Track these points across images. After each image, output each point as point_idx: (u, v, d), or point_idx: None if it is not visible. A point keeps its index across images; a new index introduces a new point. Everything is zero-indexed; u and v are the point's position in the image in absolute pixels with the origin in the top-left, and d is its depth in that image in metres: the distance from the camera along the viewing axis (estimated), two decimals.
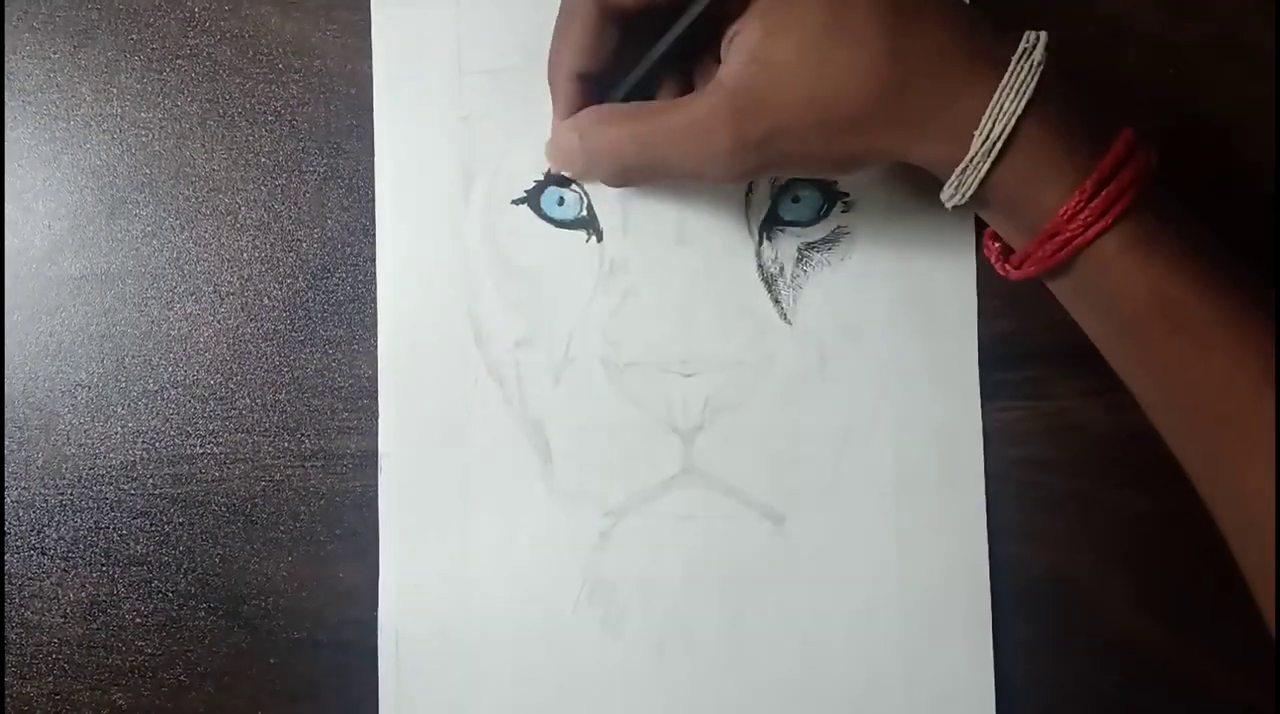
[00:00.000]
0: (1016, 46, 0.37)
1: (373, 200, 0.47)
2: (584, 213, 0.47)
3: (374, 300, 0.47)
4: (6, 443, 0.47)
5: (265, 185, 0.48)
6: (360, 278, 0.47)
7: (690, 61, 0.43)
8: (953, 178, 0.38)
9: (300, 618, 0.47)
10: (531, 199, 0.47)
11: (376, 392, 0.47)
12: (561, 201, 0.47)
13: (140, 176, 0.48)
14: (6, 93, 0.48)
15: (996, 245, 0.42)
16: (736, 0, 0.39)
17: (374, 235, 0.47)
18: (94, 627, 0.47)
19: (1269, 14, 0.47)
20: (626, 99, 0.43)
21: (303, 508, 0.47)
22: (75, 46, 0.48)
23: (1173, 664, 0.46)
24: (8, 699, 0.47)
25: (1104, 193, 0.36)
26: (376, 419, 0.47)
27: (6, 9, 0.48)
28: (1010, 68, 0.37)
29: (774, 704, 0.46)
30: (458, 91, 0.47)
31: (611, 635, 0.47)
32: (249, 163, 0.48)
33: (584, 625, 0.47)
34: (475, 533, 0.47)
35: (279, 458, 0.47)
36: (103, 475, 0.47)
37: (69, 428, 0.47)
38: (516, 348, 0.47)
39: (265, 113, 0.48)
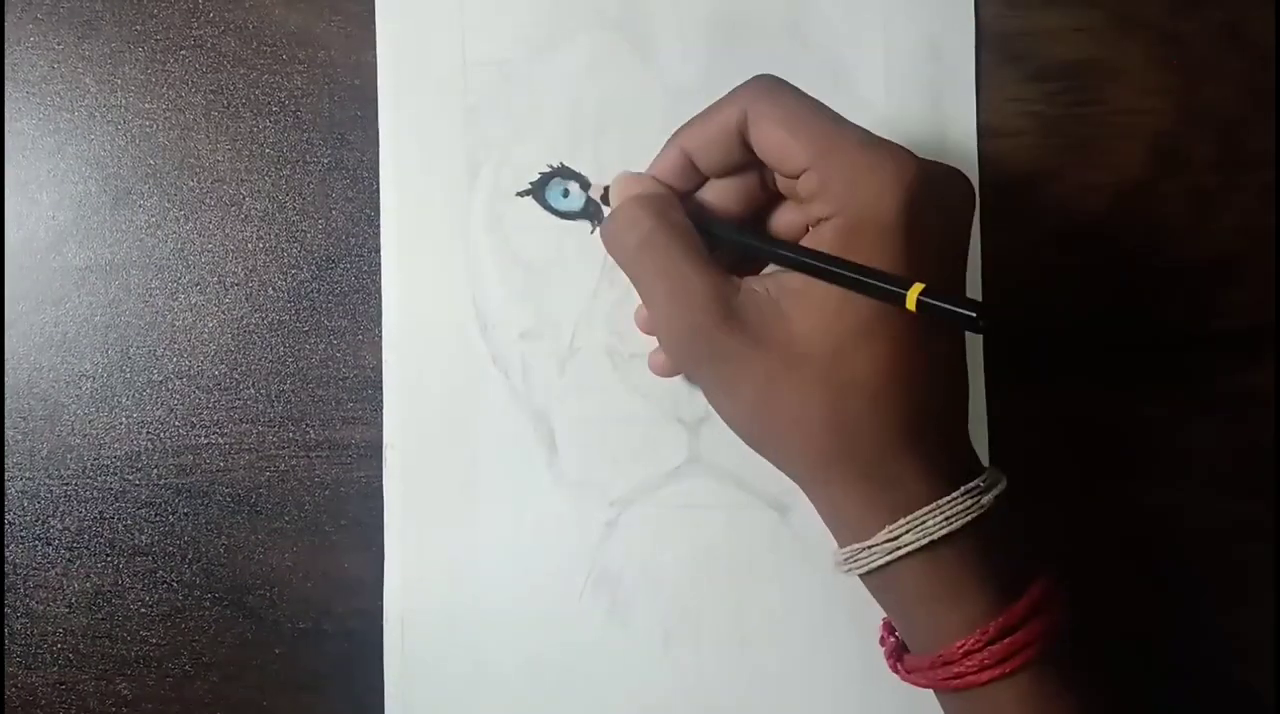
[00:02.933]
0: (977, 466, 0.37)
1: (377, 191, 0.47)
2: (588, 204, 0.47)
3: (379, 291, 0.47)
4: (11, 433, 0.47)
5: (270, 176, 0.48)
6: (365, 268, 0.47)
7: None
8: (845, 550, 0.37)
9: (305, 608, 0.47)
10: (536, 190, 0.47)
11: (381, 382, 0.47)
12: (566, 193, 0.47)
13: (144, 167, 0.48)
14: (10, 84, 0.48)
15: (892, 639, 0.40)
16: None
17: (379, 226, 0.47)
18: (99, 617, 0.47)
19: (1272, 4, 0.47)
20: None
21: (308, 498, 0.47)
22: (79, 37, 0.48)
23: (1176, 656, 0.46)
24: (12, 689, 0.47)
25: (1007, 639, 0.35)
26: (381, 409, 0.47)
27: (10, 0, 0.48)
28: (953, 495, 0.35)
29: (779, 693, 0.46)
30: (463, 82, 0.47)
31: (617, 625, 0.47)
32: (253, 153, 0.48)
33: (589, 615, 0.47)
34: (480, 523, 0.47)
35: (284, 448, 0.47)
36: (107, 466, 0.47)
37: (73, 418, 0.47)
38: (521, 339, 0.47)
39: (270, 103, 0.48)
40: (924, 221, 0.35)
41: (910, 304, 0.34)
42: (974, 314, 0.34)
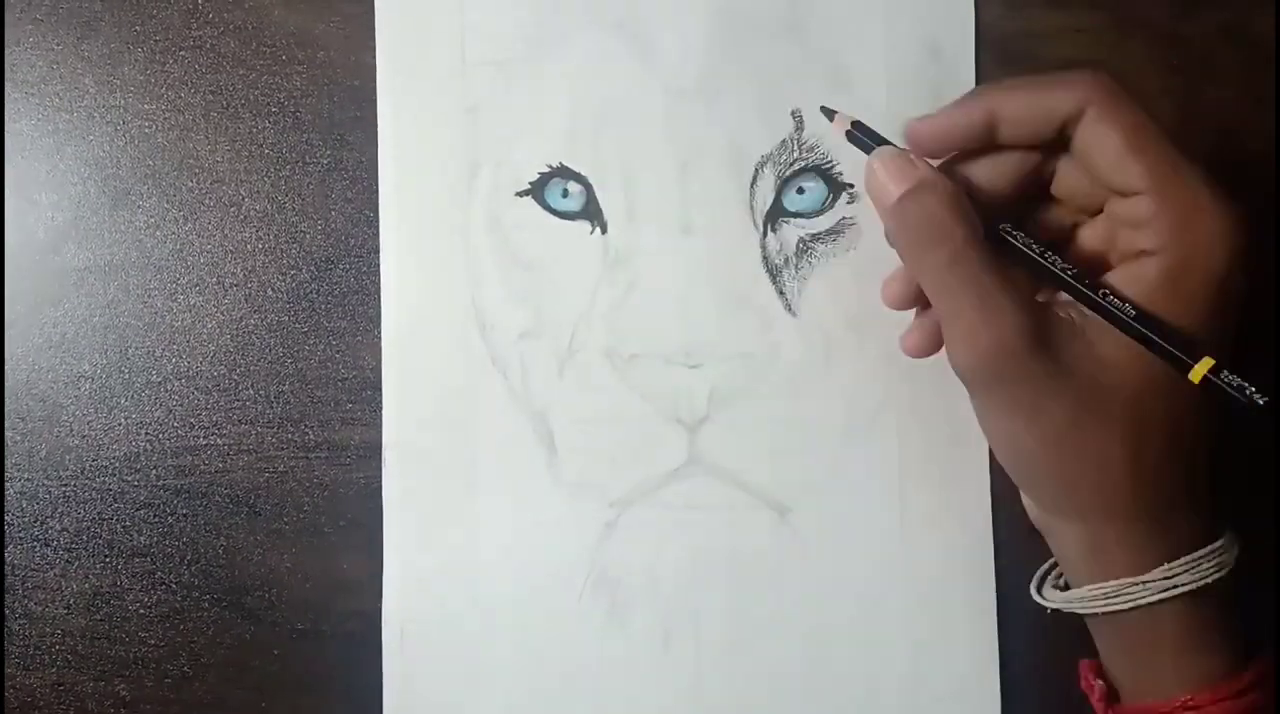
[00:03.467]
0: (1220, 519, 0.37)
1: (376, 192, 0.47)
2: (588, 204, 0.47)
3: (378, 292, 0.47)
4: (9, 434, 0.47)
5: (269, 177, 0.48)
6: (364, 269, 0.47)
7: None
8: (1109, 585, 0.37)
9: (304, 609, 0.47)
10: (536, 191, 0.47)
11: (380, 383, 0.47)
12: (566, 193, 0.47)
13: (143, 168, 0.48)
14: (9, 84, 0.48)
15: (1100, 683, 0.40)
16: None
17: (378, 227, 0.47)
18: (97, 618, 0.47)
19: (1272, 6, 0.47)
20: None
21: (306, 499, 0.47)
22: (78, 38, 0.48)
23: None
24: (11, 690, 0.47)
25: (1250, 696, 0.35)
26: (380, 410, 0.47)
27: (9, 1, 0.48)
28: (1220, 541, 0.36)
29: (779, 695, 0.46)
30: (462, 83, 0.47)
31: (617, 626, 0.47)
32: (252, 154, 0.48)
33: (589, 617, 0.47)
34: (479, 524, 0.47)
35: (283, 449, 0.47)
36: (106, 467, 0.47)
37: (72, 419, 0.47)
38: (521, 339, 0.47)
39: (269, 104, 0.48)
40: (1241, 278, 0.35)
41: (1195, 377, 0.34)
42: (1262, 403, 0.33)
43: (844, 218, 0.47)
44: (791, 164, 0.47)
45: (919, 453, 0.46)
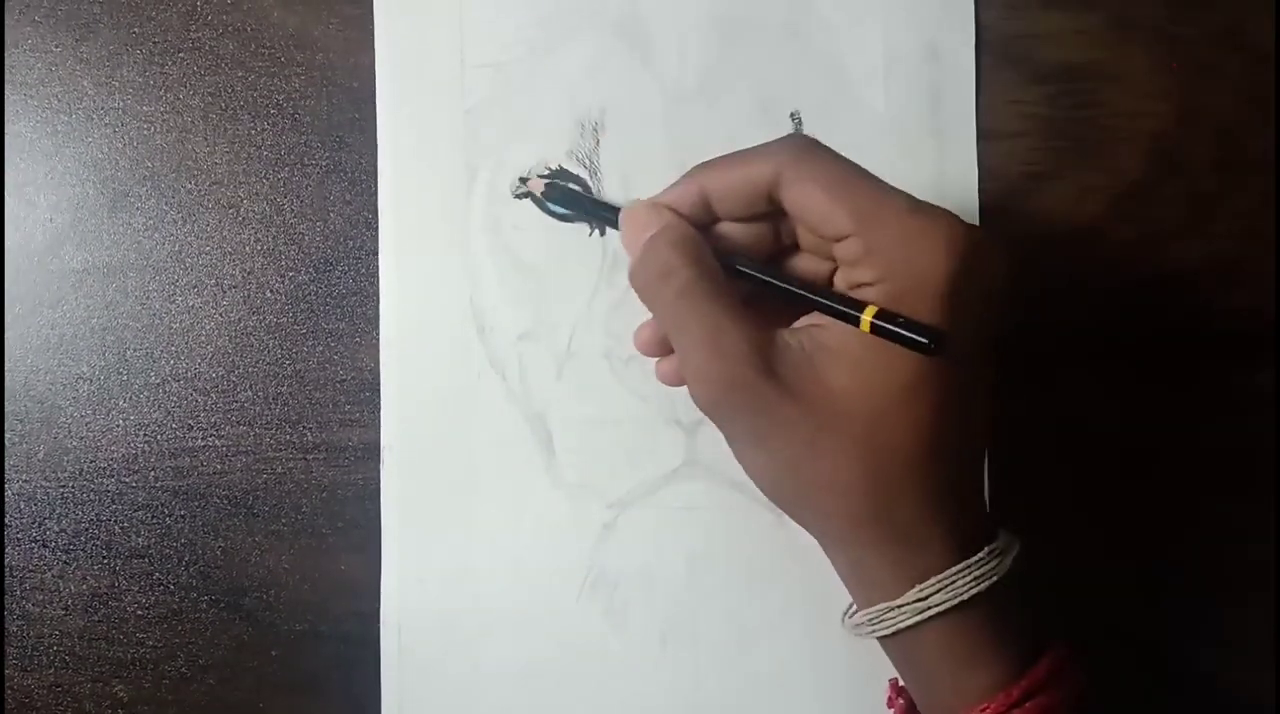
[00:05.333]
0: (992, 527, 0.37)
1: (375, 193, 0.47)
2: None
3: (376, 293, 0.47)
4: (8, 435, 0.47)
5: (267, 178, 0.48)
6: (362, 271, 0.47)
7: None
8: (871, 611, 0.37)
9: (302, 610, 0.47)
10: (534, 192, 0.47)
11: (379, 384, 0.47)
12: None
13: (142, 170, 0.48)
14: (8, 86, 0.48)
15: (901, 701, 0.40)
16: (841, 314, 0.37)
17: (376, 228, 0.47)
18: (95, 619, 0.47)
19: (1271, 8, 0.47)
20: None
21: (305, 500, 0.47)
22: (77, 40, 0.48)
23: (1175, 655, 0.46)
24: (9, 691, 0.47)
25: (1029, 703, 0.35)
26: (379, 412, 0.47)
27: (8, 2, 0.48)
28: (978, 555, 0.36)
29: (775, 696, 0.46)
30: (460, 85, 0.47)
31: (614, 627, 0.47)
32: (251, 156, 0.48)
33: (587, 617, 0.47)
34: (478, 525, 0.47)
35: (281, 450, 0.47)
36: (104, 468, 0.47)
37: (70, 421, 0.47)
38: (519, 341, 0.47)
39: (267, 106, 0.48)
40: (969, 289, 0.35)
41: (865, 326, 0.35)
42: (926, 340, 0.34)
43: None
44: None
45: None
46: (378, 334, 0.47)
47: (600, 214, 0.45)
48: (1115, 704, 0.38)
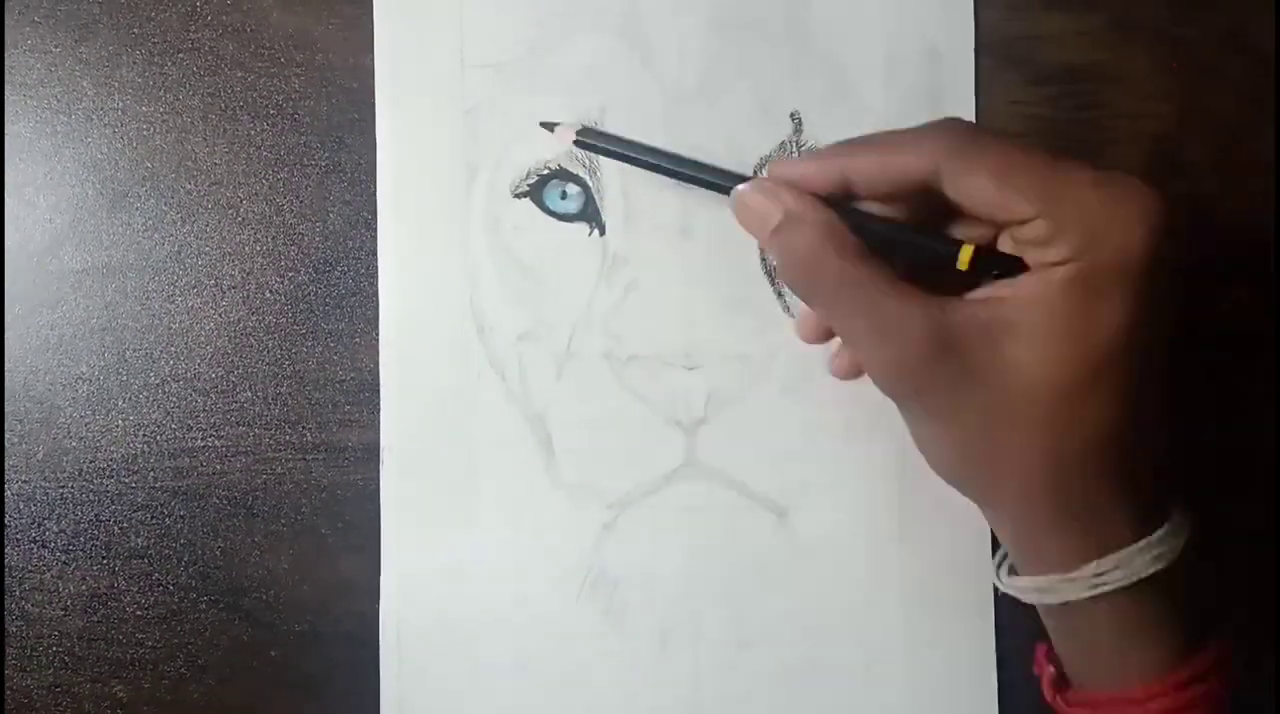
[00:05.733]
0: (1166, 507, 0.37)
1: (375, 194, 0.47)
2: (586, 206, 0.47)
3: (376, 293, 0.47)
4: (7, 436, 0.47)
5: (267, 179, 0.48)
6: (362, 271, 0.47)
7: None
8: (1040, 580, 0.36)
9: (301, 611, 0.47)
10: (534, 192, 0.47)
11: (378, 385, 0.47)
12: (564, 195, 0.47)
13: (141, 170, 0.48)
14: (7, 86, 0.48)
15: (1050, 669, 0.40)
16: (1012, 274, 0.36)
17: (376, 229, 0.47)
18: (94, 619, 0.47)
19: (1272, 9, 0.47)
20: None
21: (304, 501, 0.47)
22: (76, 40, 0.48)
23: None
24: (8, 692, 0.47)
25: (1192, 689, 0.35)
26: (378, 412, 0.47)
27: (8, 3, 0.48)
28: (1158, 534, 0.35)
29: (776, 696, 0.46)
30: (460, 85, 0.47)
31: (614, 628, 0.47)
32: (250, 156, 0.48)
33: (586, 618, 0.47)
34: (477, 526, 0.47)
35: (280, 451, 0.47)
36: (103, 469, 0.47)
37: (69, 421, 0.47)
38: (519, 341, 0.47)
39: (267, 106, 0.48)
40: (1166, 259, 0.34)
41: (964, 263, 0.35)
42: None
43: None
44: None
45: (917, 454, 0.46)
46: (377, 334, 0.47)
47: (658, 167, 0.44)
48: None
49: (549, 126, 0.46)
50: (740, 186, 0.40)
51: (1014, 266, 0.35)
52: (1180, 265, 0.35)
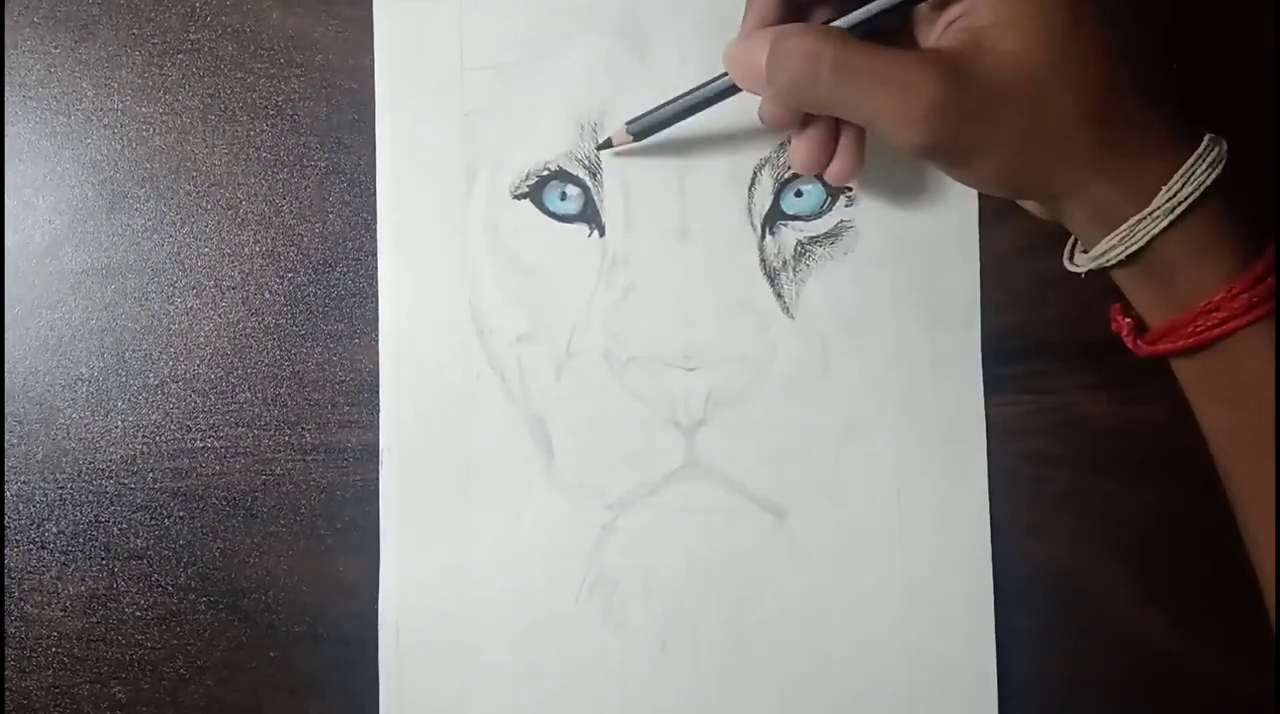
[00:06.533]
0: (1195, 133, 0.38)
1: (374, 195, 0.47)
2: (586, 207, 0.47)
3: (375, 295, 0.47)
4: (6, 437, 0.47)
5: (266, 180, 0.48)
6: (362, 272, 0.47)
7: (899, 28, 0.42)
8: (1120, 231, 0.38)
9: (300, 612, 0.47)
10: (534, 194, 0.47)
11: (377, 386, 0.47)
12: (564, 196, 0.47)
13: (141, 171, 0.48)
14: (7, 87, 0.48)
15: (1128, 320, 0.41)
16: None
17: (375, 230, 0.47)
18: (93, 620, 0.47)
19: (1273, 9, 0.47)
20: None
21: (303, 502, 0.47)
22: (76, 41, 0.48)
23: (1175, 657, 0.46)
24: (7, 693, 0.47)
25: (1269, 281, 0.37)
26: (377, 413, 0.47)
27: (7, 4, 0.48)
28: (1204, 144, 0.37)
29: (776, 697, 0.46)
30: (460, 86, 0.47)
31: (613, 629, 0.46)
32: (250, 157, 0.48)
33: (585, 619, 0.47)
34: (476, 527, 0.47)
35: (279, 452, 0.47)
36: (103, 469, 0.47)
37: (69, 422, 0.47)
38: (518, 342, 0.47)
39: (267, 107, 0.48)
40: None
41: None
42: None
43: (842, 221, 0.47)
44: (790, 167, 0.47)
45: (916, 455, 0.46)
46: (376, 335, 0.47)
47: (704, 97, 0.44)
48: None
49: (605, 146, 0.46)
50: (726, 46, 0.41)
51: None
52: None
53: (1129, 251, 0.38)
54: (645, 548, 0.47)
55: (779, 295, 0.47)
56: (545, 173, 0.47)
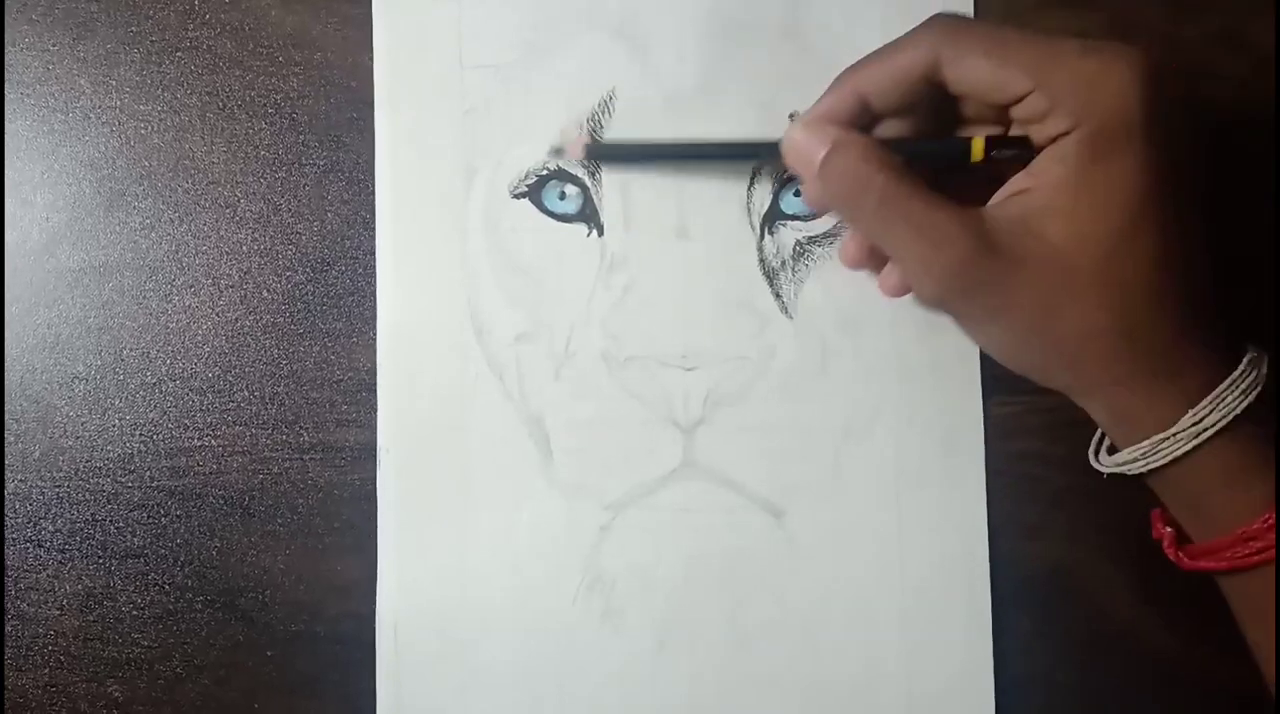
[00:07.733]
0: (1235, 349, 0.38)
1: (373, 193, 0.47)
2: (585, 207, 0.47)
3: (373, 293, 0.47)
4: (4, 435, 0.47)
5: (265, 178, 0.48)
6: (360, 271, 0.47)
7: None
8: (1143, 445, 0.37)
9: (298, 611, 0.47)
10: (533, 193, 0.47)
11: (375, 385, 0.47)
12: (563, 196, 0.47)
13: (139, 169, 0.48)
14: (5, 85, 0.48)
15: (1169, 530, 0.41)
16: (1031, 161, 0.38)
17: (374, 228, 0.47)
18: (90, 619, 0.47)
19: (1271, 9, 0.47)
20: None
21: (301, 501, 0.47)
22: (74, 39, 0.48)
23: (1172, 658, 0.46)
24: (4, 691, 0.47)
25: None
26: (375, 412, 0.47)
27: (6, 2, 0.48)
28: (1240, 367, 0.37)
29: (774, 698, 0.46)
30: (459, 85, 0.47)
31: (611, 629, 0.46)
32: (248, 155, 0.48)
33: (584, 619, 0.46)
34: (474, 526, 0.47)
35: (277, 451, 0.47)
36: (100, 468, 0.47)
37: (66, 420, 0.47)
38: (517, 342, 0.47)
39: (265, 105, 0.48)
40: (1164, 112, 0.36)
41: (978, 153, 0.38)
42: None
43: (841, 221, 0.47)
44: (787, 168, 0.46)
45: (915, 456, 0.46)
46: (375, 334, 0.47)
47: (703, 154, 0.46)
48: None
49: (557, 151, 0.47)
50: (789, 128, 0.41)
51: (1023, 144, 0.37)
52: (1180, 116, 0.37)
53: (1151, 467, 0.38)
54: (643, 548, 0.47)
55: (778, 295, 0.47)
56: (544, 172, 0.47)
